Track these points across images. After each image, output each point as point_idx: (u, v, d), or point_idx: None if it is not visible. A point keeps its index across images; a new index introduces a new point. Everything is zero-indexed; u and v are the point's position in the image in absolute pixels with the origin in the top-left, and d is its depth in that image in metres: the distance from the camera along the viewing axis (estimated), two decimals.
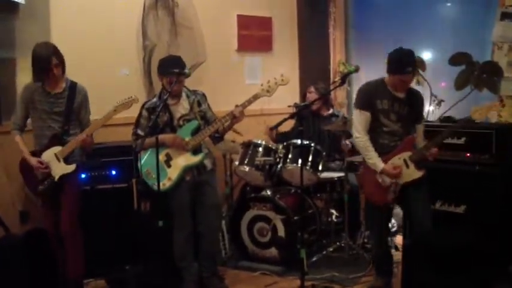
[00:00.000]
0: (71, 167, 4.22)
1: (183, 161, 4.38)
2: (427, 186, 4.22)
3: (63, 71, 4.22)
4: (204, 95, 4.61)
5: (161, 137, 4.27)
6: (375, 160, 4.21)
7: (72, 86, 4.26)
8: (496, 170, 4.56)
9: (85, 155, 4.40)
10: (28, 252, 4.32)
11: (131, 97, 4.21)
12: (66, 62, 4.20)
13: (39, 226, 4.57)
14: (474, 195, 4.59)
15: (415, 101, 4.29)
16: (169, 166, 4.39)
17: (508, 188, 4.67)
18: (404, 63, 4.10)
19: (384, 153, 4.23)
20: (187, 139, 4.36)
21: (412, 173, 4.15)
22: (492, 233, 4.43)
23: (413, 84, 4.78)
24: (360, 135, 4.26)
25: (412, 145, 4.21)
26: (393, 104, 4.21)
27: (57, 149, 4.19)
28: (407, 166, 4.15)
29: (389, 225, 5.01)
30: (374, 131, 4.28)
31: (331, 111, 5.81)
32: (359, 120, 4.27)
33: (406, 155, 4.15)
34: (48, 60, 4.05)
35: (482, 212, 4.55)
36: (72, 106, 4.23)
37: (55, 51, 4.13)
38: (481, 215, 4.55)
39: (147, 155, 4.42)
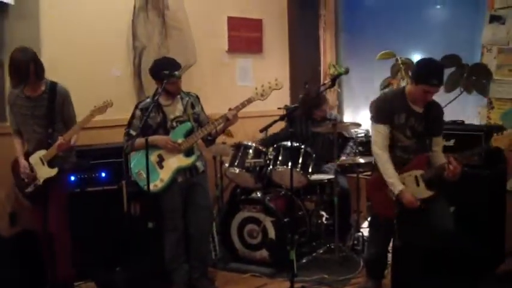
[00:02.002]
0: (53, 171, 4.20)
1: (175, 162, 4.38)
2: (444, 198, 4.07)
3: (42, 77, 4.16)
4: (197, 97, 4.62)
5: (152, 138, 4.27)
6: (394, 180, 3.98)
7: (52, 88, 4.22)
8: (484, 171, 4.59)
9: (75, 157, 4.39)
10: (16, 254, 4.31)
11: (106, 101, 4.18)
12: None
13: (28, 228, 4.56)
14: (463, 196, 4.61)
15: (433, 114, 4.05)
16: (161, 167, 4.38)
17: (497, 190, 4.70)
18: (432, 73, 3.87)
19: (396, 166, 4.03)
20: (180, 141, 4.35)
21: (422, 192, 3.96)
22: (481, 234, 4.45)
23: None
24: (380, 152, 4.04)
25: (425, 163, 4.01)
26: (409, 119, 4.01)
27: (42, 152, 4.19)
28: (418, 184, 3.97)
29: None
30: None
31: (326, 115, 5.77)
32: (379, 136, 4.06)
33: (418, 172, 3.97)
34: (26, 66, 3.98)
35: (472, 214, 4.57)
36: (53, 108, 4.21)
37: (34, 57, 4.06)
38: (471, 217, 4.57)
39: (138, 155, 4.40)
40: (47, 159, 4.18)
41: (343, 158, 5.44)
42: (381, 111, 4.10)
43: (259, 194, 5.23)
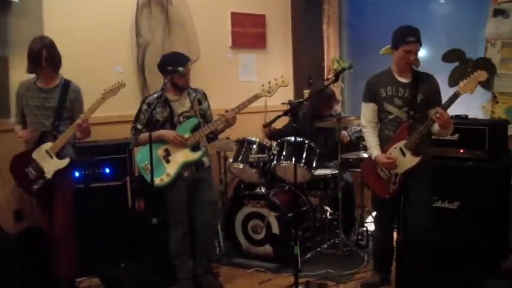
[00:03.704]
0: (65, 162, 4.16)
1: (182, 157, 4.39)
2: (429, 183, 4.18)
3: (57, 67, 4.19)
4: (204, 94, 4.64)
5: (159, 132, 4.31)
6: (372, 149, 4.21)
7: (66, 84, 4.24)
8: (489, 166, 4.58)
9: (76, 153, 4.36)
10: (21, 252, 4.32)
11: (118, 82, 4.20)
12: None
13: (33, 225, 4.57)
14: (468, 191, 4.60)
15: (423, 84, 4.13)
16: (168, 162, 4.39)
17: (501, 184, 4.69)
18: (407, 33, 4.07)
19: (384, 144, 4.20)
20: (186, 135, 4.37)
21: (410, 161, 4.09)
22: (486, 229, 4.45)
23: None
24: (366, 125, 4.31)
25: (406, 132, 4.11)
26: (398, 89, 4.15)
27: (47, 145, 4.13)
28: (404, 154, 4.10)
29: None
30: (381, 121, 4.27)
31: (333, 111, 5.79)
32: (365, 112, 4.32)
33: (401, 143, 4.10)
34: (39, 52, 4.04)
35: (476, 208, 4.56)
36: (64, 103, 4.19)
37: (50, 46, 4.11)
38: (475, 211, 4.56)
39: (145, 149, 4.39)
40: (55, 150, 4.13)
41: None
42: (367, 91, 4.34)
43: (263, 189, 5.24)
